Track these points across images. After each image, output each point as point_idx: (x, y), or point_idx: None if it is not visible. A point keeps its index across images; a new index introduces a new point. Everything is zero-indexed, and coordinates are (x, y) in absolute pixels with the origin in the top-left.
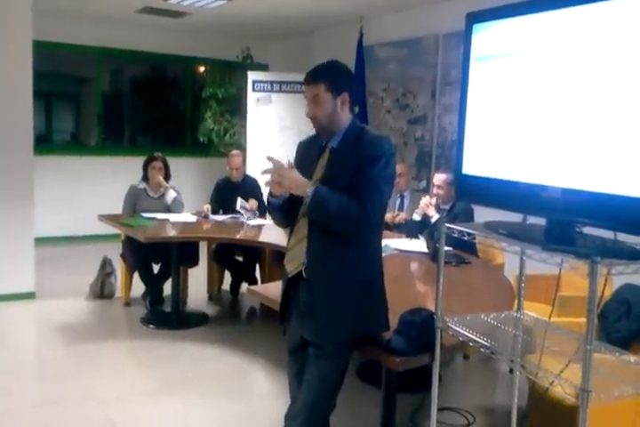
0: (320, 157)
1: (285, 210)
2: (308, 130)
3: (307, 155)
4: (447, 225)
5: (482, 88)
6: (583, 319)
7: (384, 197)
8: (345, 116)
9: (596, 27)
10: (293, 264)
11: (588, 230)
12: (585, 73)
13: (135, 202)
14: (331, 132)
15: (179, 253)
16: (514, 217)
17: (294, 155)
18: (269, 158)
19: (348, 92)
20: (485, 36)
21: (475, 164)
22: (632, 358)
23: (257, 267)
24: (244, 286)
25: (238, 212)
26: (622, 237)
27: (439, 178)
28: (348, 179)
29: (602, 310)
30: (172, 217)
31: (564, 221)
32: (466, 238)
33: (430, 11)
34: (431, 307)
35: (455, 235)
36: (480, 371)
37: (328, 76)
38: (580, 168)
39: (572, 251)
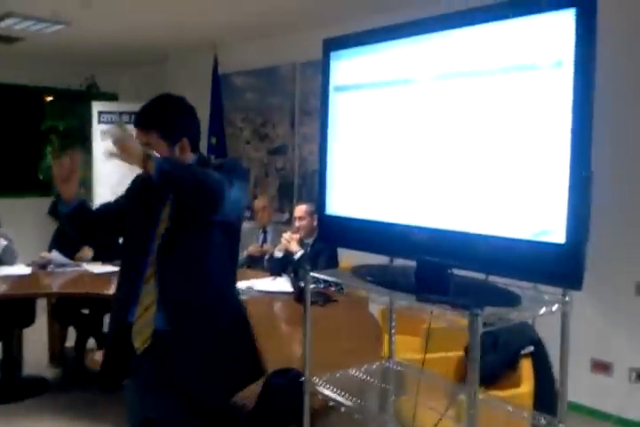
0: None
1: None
2: None
3: (146, 190)
4: (313, 274)
5: (343, 121)
6: (452, 353)
7: (234, 190)
8: (187, 158)
9: (456, 57)
10: (141, 339)
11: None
12: (444, 111)
13: None
14: None
15: (10, 312)
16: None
17: (130, 185)
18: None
19: (187, 136)
20: (345, 65)
21: (339, 202)
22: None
23: (105, 319)
24: (92, 342)
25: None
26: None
27: (300, 209)
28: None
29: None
30: (2, 270)
31: (434, 264)
32: (333, 289)
33: (286, 39)
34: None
35: (322, 285)
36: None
37: (161, 124)
38: (448, 208)
39: (449, 301)
